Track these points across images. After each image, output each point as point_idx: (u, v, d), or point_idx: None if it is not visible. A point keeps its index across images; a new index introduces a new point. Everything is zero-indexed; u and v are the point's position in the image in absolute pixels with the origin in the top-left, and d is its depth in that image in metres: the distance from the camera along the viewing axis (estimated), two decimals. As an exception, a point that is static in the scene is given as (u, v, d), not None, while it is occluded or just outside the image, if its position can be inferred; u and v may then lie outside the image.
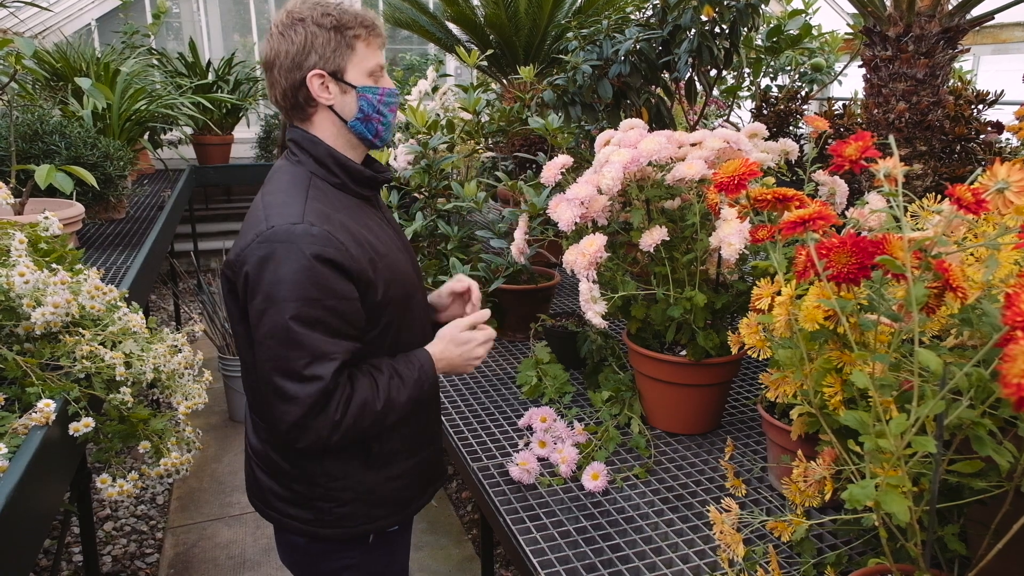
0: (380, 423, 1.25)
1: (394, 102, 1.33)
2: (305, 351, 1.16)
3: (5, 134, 2.67)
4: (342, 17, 1.24)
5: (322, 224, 1.19)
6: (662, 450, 1.64)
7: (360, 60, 1.27)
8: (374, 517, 1.38)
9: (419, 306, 1.41)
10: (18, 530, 1.07)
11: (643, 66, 1.97)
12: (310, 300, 1.16)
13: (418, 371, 1.30)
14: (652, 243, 1.53)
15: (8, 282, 1.30)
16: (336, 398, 1.18)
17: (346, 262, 1.19)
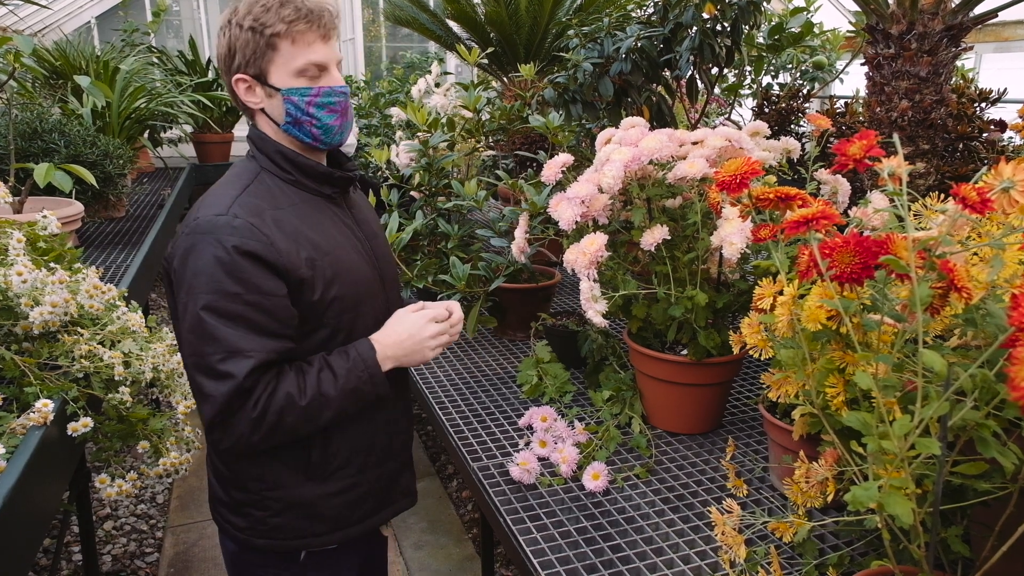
0: (311, 420, 1.18)
1: (333, 102, 1.23)
2: (219, 346, 1.11)
3: (4, 132, 2.66)
4: (261, 16, 1.16)
5: (248, 216, 1.15)
6: (663, 450, 1.63)
7: (285, 60, 1.18)
8: (309, 533, 1.30)
9: (376, 311, 1.32)
10: (16, 529, 1.07)
11: (644, 64, 1.96)
12: (228, 294, 1.12)
13: (352, 360, 1.21)
14: (653, 242, 1.52)
15: (6, 281, 1.29)
16: (255, 396, 1.12)
17: (269, 256, 1.14)
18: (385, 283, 1.35)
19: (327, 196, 1.29)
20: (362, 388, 1.21)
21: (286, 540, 1.30)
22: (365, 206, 1.44)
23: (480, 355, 2.20)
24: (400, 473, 1.42)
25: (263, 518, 1.28)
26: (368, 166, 3.29)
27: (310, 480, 1.27)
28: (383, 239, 1.41)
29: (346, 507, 1.32)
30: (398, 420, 1.39)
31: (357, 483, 1.32)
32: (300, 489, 1.27)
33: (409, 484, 1.45)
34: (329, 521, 1.31)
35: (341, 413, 1.21)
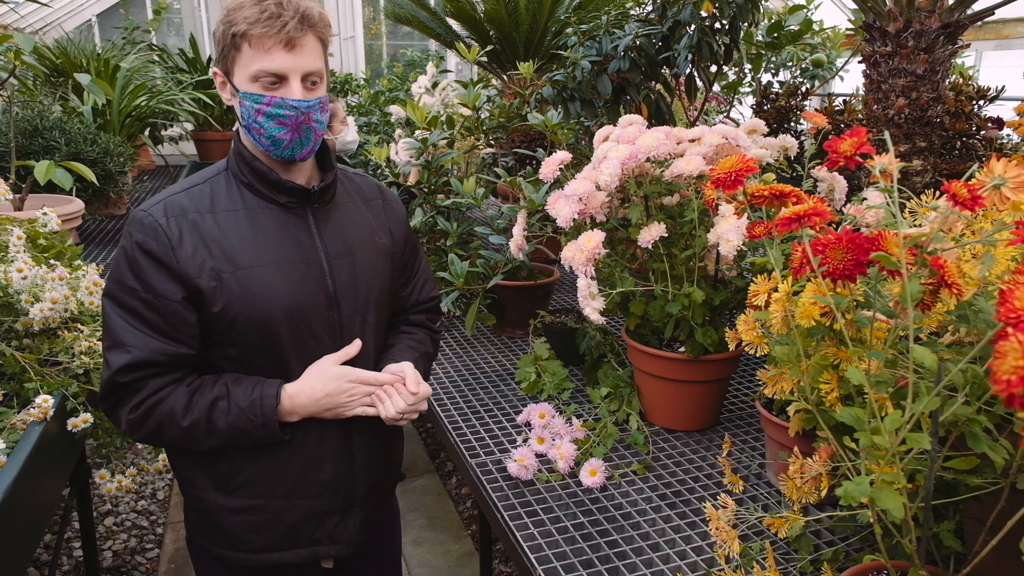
0: (194, 441, 1.15)
1: (283, 115, 1.15)
2: (109, 334, 1.15)
3: (5, 130, 2.67)
4: (232, 13, 1.13)
5: (162, 216, 1.15)
6: (660, 446, 1.64)
7: (245, 62, 1.13)
8: (214, 542, 1.27)
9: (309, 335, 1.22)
10: (16, 524, 1.08)
11: (643, 62, 1.97)
12: (126, 287, 1.14)
13: (251, 401, 1.15)
14: (650, 239, 1.52)
15: (6, 278, 1.30)
16: (138, 398, 1.13)
17: (166, 259, 1.13)
18: (340, 305, 1.25)
19: (282, 205, 1.23)
20: (251, 432, 1.16)
21: (198, 537, 1.28)
22: (350, 218, 1.32)
23: (479, 352, 2.20)
24: (327, 516, 1.28)
25: (187, 507, 1.29)
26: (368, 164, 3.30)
27: (215, 488, 1.23)
28: (363, 258, 1.29)
29: (247, 529, 1.25)
30: (330, 459, 1.27)
31: (258, 507, 1.24)
32: (206, 494, 1.24)
33: (343, 533, 1.30)
34: (230, 537, 1.25)
35: (229, 444, 1.17)
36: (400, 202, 1.47)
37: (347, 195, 1.35)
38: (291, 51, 1.13)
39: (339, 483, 1.28)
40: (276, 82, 1.14)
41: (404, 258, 1.41)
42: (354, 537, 1.32)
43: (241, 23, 1.10)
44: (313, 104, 1.18)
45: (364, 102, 3.79)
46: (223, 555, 1.25)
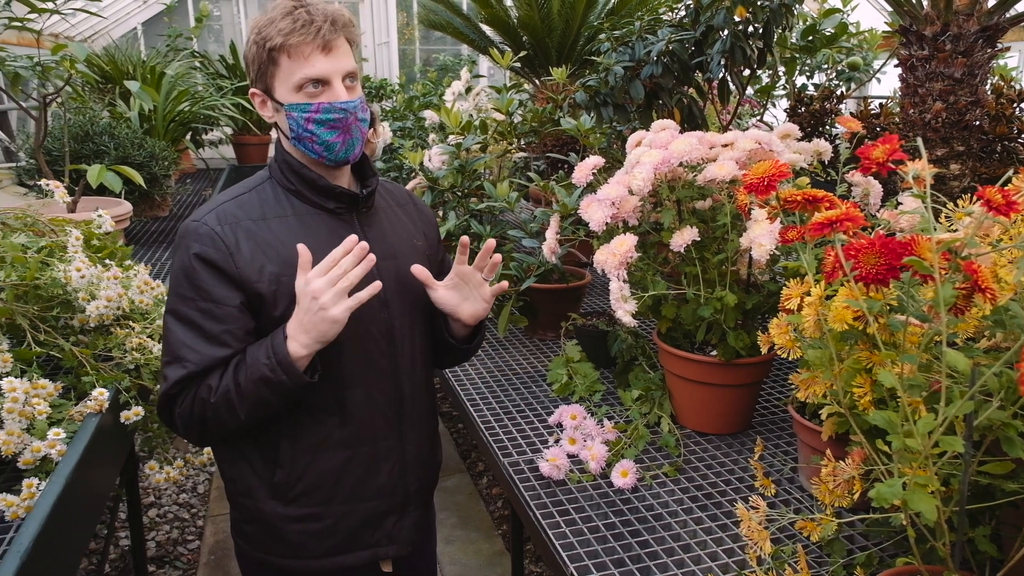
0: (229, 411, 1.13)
1: (333, 118, 1.18)
2: (168, 349, 1.16)
3: (59, 135, 2.78)
4: (264, 29, 1.15)
5: (217, 225, 1.17)
6: (692, 449, 1.65)
7: (286, 75, 1.16)
8: (272, 552, 1.28)
9: (365, 334, 1.25)
10: (76, 510, 1.14)
11: (675, 67, 1.98)
12: (185, 298, 1.15)
13: (262, 348, 1.13)
14: (683, 243, 1.54)
15: (66, 276, 1.37)
16: (181, 399, 1.15)
17: (225, 265, 1.14)
18: (390, 306, 1.29)
19: (331, 211, 1.26)
20: (272, 379, 1.12)
21: (254, 550, 1.30)
22: (391, 223, 1.35)
23: (511, 354, 2.23)
24: (384, 517, 1.32)
25: (239, 519, 1.30)
26: (401, 168, 3.36)
27: (273, 498, 1.25)
28: (405, 260, 1.32)
29: (309, 537, 1.26)
30: (385, 460, 1.30)
31: (321, 515, 1.26)
32: (264, 504, 1.25)
33: (401, 532, 1.34)
34: (291, 546, 1.27)
35: (261, 404, 1.14)
36: (428, 206, 1.52)
37: (384, 200, 1.39)
38: (328, 54, 1.16)
39: (394, 484, 1.32)
40: (319, 87, 1.17)
41: (438, 258, 1.45)
42: (411, 536, 1.35)
43: (276, 36, 1.13)
44: (357, 104, 1.21)
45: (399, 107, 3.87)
46: (283, 564, 1.28)
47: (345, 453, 1.26)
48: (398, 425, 1.33)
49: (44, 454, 1.18)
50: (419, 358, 1.37)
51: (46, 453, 1.18)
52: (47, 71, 2.25)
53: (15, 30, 2.23)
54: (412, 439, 1.35)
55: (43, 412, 1.22)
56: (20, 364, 1.27)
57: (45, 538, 0.99)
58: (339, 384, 1.24)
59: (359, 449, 1.27)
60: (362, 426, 1.27)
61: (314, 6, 1.16)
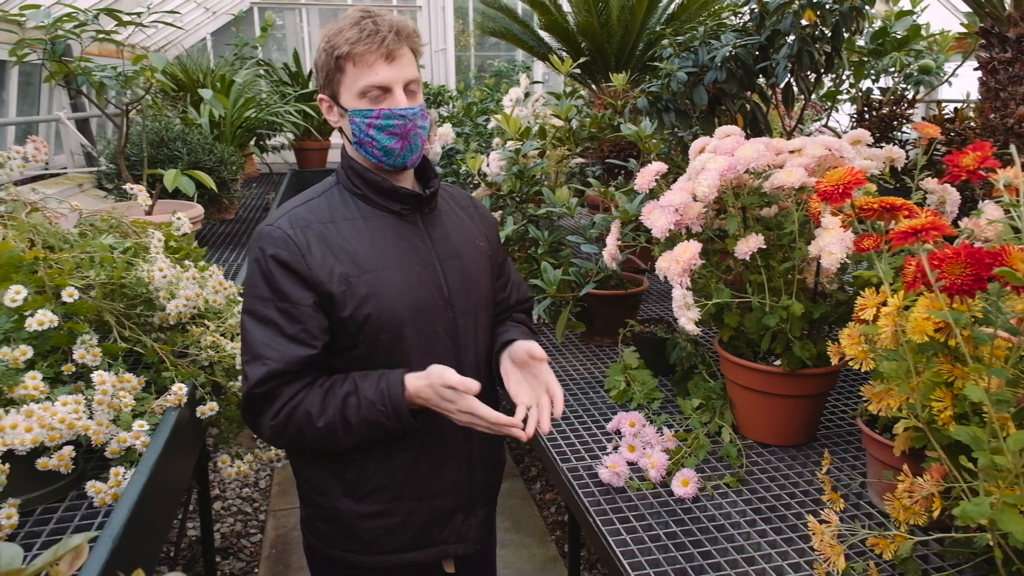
0: (333, 440, 1.19)
1: (392, 124, 1.21)
2: (247, 348, 1.20)
3: (137, 141, 2.92)
4: (333, 38, 1.20)
5: (289, 228, 1.21)
6: (754, 460, 1.62)
7: (351, 81, 1.20)
8: (347, 548, 1.31)
9: (430, 335, 1.28)
10: (158, 500, 1.19)
11: (739, 72, 1.96)
12: (261, 298, 1.19)
13: (379, 392, 1.17)
14: (748, 251, 1.52)
15: (149, 276, 1.44)
16: (276, 406, 1.17)
17: (299, 267, 1.18)
18: (455, 305, 1.31)
19: (396, 213, 1.29)
20: (384, 423, 1.17)
21: (328, 547, 1.32)
22: (453, 224, 1.38)
23: (568, 359, 2.23)
24: (453, 515, 1.35)
25: (312, 518, 1.33)
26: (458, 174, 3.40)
27: (346, 496, 1.28)
28: (470, 261, 1.35)
29: (382, 533, 1.30)
30: (452, 458, 1.33)
31: (391, 511, 1.29)
32: (338, 502, 1.28)
33: (469, 530, 1.37)
34: (364, 542, 1.30)
35: (366, 439, 1.21)
36: (488, 210, 1.55)
37: (446, 203, 1.42)
38: (391, 63, 1.20)
39: (462, 481, 1.35)
40: (381, 94, 1.21)
41: (499, 261, 1.48)
42: (479, 534, 1.38)
43: (343, 45, 1.19)
44: (416, 111, 1.24)
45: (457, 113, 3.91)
46: (356, 561, 1.31)
47: (413, 451, 1.29)
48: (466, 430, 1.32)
49: (129, 444, 1.25)
50: (482, 356, 1.39)
51: (131, 444, 1.25)
52: (129, 80, 2.36)
53: (97, 42, 2.36)
54: (478, 437, 1.37)
55: (128, 405, 1.29)
56: (107, 358, 1.34)
57: (133, 525, 1.05)
58: None
59: (426, 448, 1.30)
60: (430, 424, 1.29)
61: (381, 17, 1.20)
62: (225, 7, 6.43)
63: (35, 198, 1.67)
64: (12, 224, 1.42)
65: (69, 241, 1.49)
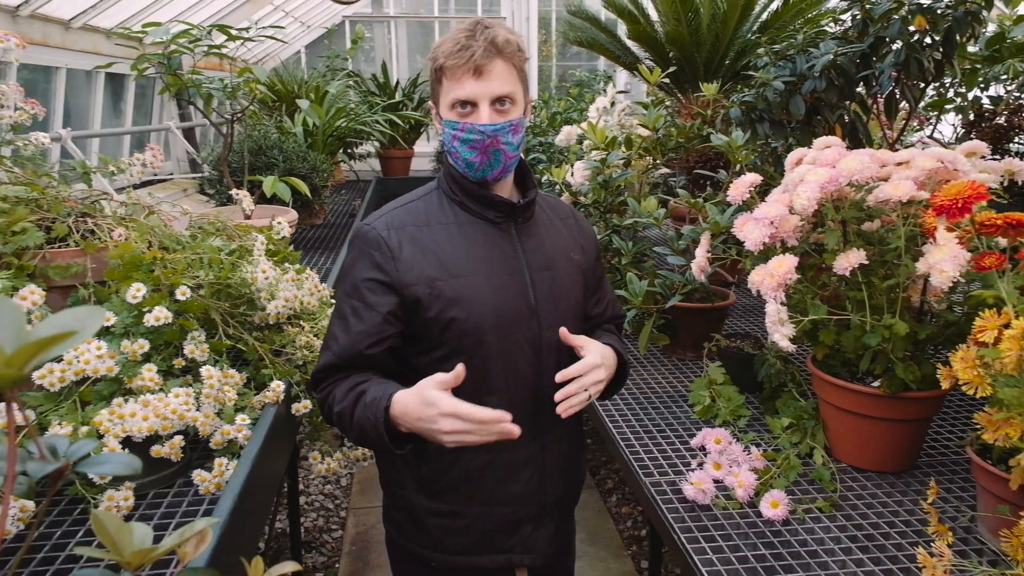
0: (343, 428, 1.24)
1: (472, 139, 1.23)
2: (328, 332, 1.29)
3: (238, 149, 3.08)
4: (435, 50, 1.24)
5: (384, 230, 1.27)
6: (848, 485, 1.55)
7: (444, 93, 1.25)
8: (416, 542, 1.33)
9: (512, 343, 1.28)
10: (258, 490, 1.25)
11: (840, 81, 1.89)
12: (347, 293, 1.28)
13: (372, 401, 1.17)
14: (848, 266, 1.46)
15: (252, 277, 1.51)
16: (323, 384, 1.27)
17: (387, 267, 1.24)
18: (540, 316, 1.31)
19: (490, 220, 1.31)
20: (368, 432, 1.17)
21: (402, 539, 1.36)
22: (548, 234, 1.38)
23: (650, 372, 2.20)
24: (521, 524, 1.34)
25: (390, 507, 1.38)
26: (540, 183, 3.42)
27: (419, 491, 1.31)
28: (562, 273, 1.35)
29: (448, 532, 1.31)
30: (524, 468, 1.32)
31: (459, 512, 1.30)
32: (412, 496, 1.32)
33: (536, 543, 1.36)
34: (431, 539, 1.32)
35: (362, 441, 1.24)
36: (588, 223, 1.53)
37: (544, 213, 1.42)
38: (479, 78, 1.21)
39: (532, 492, 1.35)
40: (468, 108, 1.23)
41: (595, 275, 1.47)
42: (546, 547, 1.37)
43: (440, 58, 1.23)
44: (501, 127, 1.24)
45: (541, 123, 3.94)
46: (424, 555, 1.34)
47: (486, 456, 1.30)
48: (539, 435, 1.35)
49: (232, 437, 1.31)
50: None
51: (234, 436, 1.31)
52: (234, 91, 2.50)
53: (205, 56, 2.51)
54: (553, 450, 1.37)
55: (232, 399, 1.35)
56: (213, 354, 1.42)
57: (236, 514, 1.10)
58: (484, 390, 1.28)
59: (499, 454, 1.30)
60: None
61: (482, 31, 1.22)
62: (319, 21, 6.71)
63: (150, 202, 1.78)
64: (133, 226, 1.53)
65: (181, 243, 1.58)
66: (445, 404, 1.10)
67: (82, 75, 3.46)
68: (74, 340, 0.43)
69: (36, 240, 1.36)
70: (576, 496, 1.51)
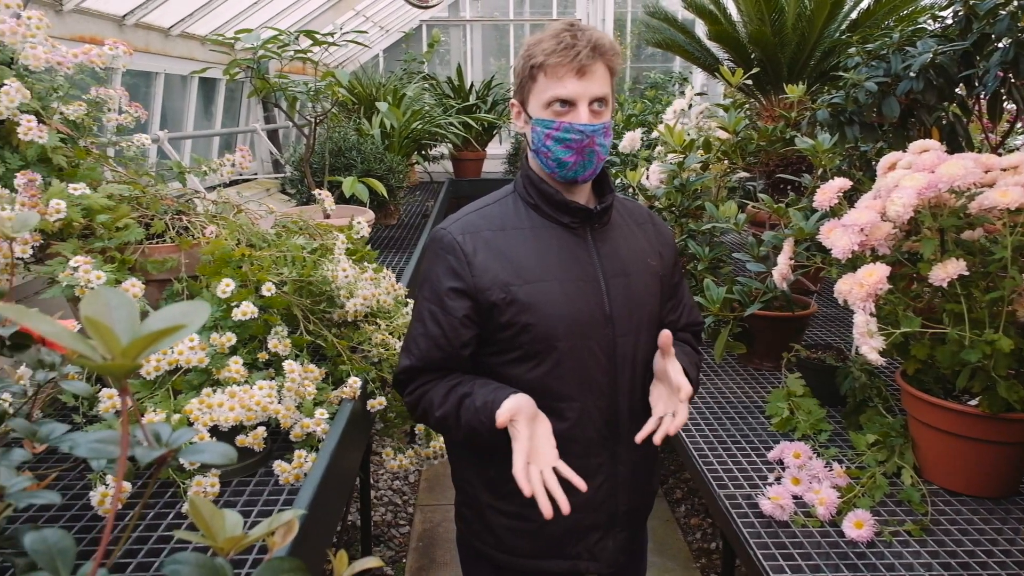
0: (446, 431, 1.29)
1: (569, 139, 1.21)
2: (406, 337, 1.31)
3: (319, 150, 3.18)
4: (532, 47, 1.22)
5: (459, 234, 1.27)
6: (941, 509, 1.46)
7: (540, 91, 1.22)
8: (480, 540, 1.34)
9: (585, 350, 1.27)
10: (335, 483, 1.28)
11: (939, 81, 1.79)
12: (425, 297, 1.28)
13: (484, 404, 1.20)
14: (946, 277, 1.38)
15: (333, 275, 1.55)
16: (410, 387, 1.29)
17: (462, 273, 1.24)
18: (615, 323, 1.29)
19: (565, 225, 1.30)
20: (482, 433, 1.20)
21: (471, 537, 1.37)
22: (625, 240, 1.36)
23: (724, 382, 2.14)
24: (589, 532, 1.33)
25: (460, 503, 1.39)
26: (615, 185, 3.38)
27: (487, 490, 1.32)
28: (638, 279, 1.33)
29: (513, 533, 1.32)
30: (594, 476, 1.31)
31: (527, 515, 1.29)
32: (480, 494, 1.33)
33: (603, 551, 1.34)
34: (498, 539, 1.32)
35: (471, 440, 1.26)
36: (668, 227, 1.50)
37: (621, 218, 1.40)
38: (581, 78, 1.20)
39: (602, 500, 1.33)
40: (565, 108, 1.22)
41: (672, 281, 1.43)
42: (613, 556, 1.36)
43: (539, 55, 1.21)
44: (598, 128, 1.23)
45: (616, 125, 3.91)
46: (492, 555, 1.35)
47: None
48: (612, 444, 1.33)
49: (311, 430, 1.35)
50: (639, 379, 1.35)
51: (312, 430, 1.35)
52: (318, 94, 2.58)
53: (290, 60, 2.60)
54: (625, 460, 1.35)
55: (311, 394, 1.39)
56: (295, 349, 1.46)
57: (315, 505, 1.13)
58: (556, 396, 1.27)
59: (569, 461, 1.26)
60: (574, 439, 1.28)
61: (583, 31, 1.21)
62: (397, 25, 6.87)
63: (239, 201, 1.86)
64: (223, 224, 1.60)
65: (267, 240, 1.64)
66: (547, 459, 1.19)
67: (178, 79, 3.65)
68: (183, 334, 0.45)
69: (137, 236, 1.44)
70: (649, 507, 1.48)
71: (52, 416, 1.52)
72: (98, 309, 0.47)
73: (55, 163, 1.51)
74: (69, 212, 1.37)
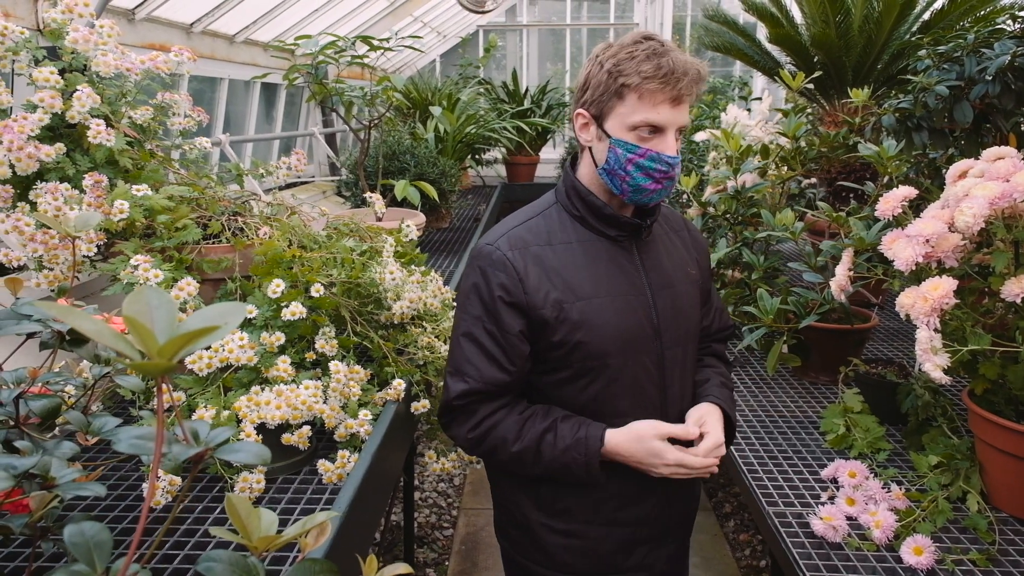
0: (522, 466, 1.22)
1: (654, 168, 1.17)
2: (452, 360, 1.24)
3: (374, 154, 3.23)
4: (622, 63, 1.15)
5: (508, 250, 1.21)
6: (1010, 539, 1.38)
7: (627, 112, 1.16)
8: (531, 559, 1.31)
9: (636, 365, 1.25)
10: (377, 485, 1.29)
11: (1018, 85, 1.69)
12: (474, 316, 1.22)
13: (576, 441, 1.19)
14: (1020, 293, 1.30)
15: (380, 278, 1.57)
16: (475, 419, 1.22)
17: (514, 290, 1.19)
18: (663, 336, 1.28)
19: (611, 238, 1.27)
20: (574, 470, 1.20)
21: (518, 554, 1.34)
22: (667, 250, 1.34)
23: (777, 395, 2.08)
24: (640, 545, 1.32)
25: (505, 523, 1.35)
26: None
27: (537, 509, 1.29)
28: (682, 291, 1.31)
29: (565, 551, 1.30)
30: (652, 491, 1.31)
31: (580, 533, 1.28)
32: (529, 513, 1.30)
33: (656, 562, 1.34)
34: (547, 556, 1.30)
35: (551, 476, 1.23)
36: (700, 232, 1.48)
37: (661, 227, 1.38)
38: (675, 107, 1.16)
39: (658, 515, 1.32)
40: (652, 134, 1.17)
41: (706, 288, 1.41)
42: (665, 567, 1.35)
43: (633, 75, 1.14)
44: (679, 160, 1.21)
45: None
46: (541, 573, 1.33)
47: (612, 481, 1.27)
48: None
49: (355, 431, 1.36)
50: (688, 389, 1.34)
51: (356, 430, 1.36)
52: (374, 99, 2.62)
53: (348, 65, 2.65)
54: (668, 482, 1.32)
55: (356, 394, 1.41)
56: (341, 350, 1.48)
57: (355, 506, 1.14)
58: (610, 412, 1.26)
59: (626, 477, 1.27)
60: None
61: (676, 55, 1.15)
62: (454, 31, 6.93)
63: (292, 203, 1.90)
64: (276, 225, 1.63)
65: (318, 242, 1.67)
66: (671, 456, 1.20)
67: (241, 84, 3.77)
68: (217, 335, 0.45)
69: (195, 236, 1.49)
70: (695, 513, 1.46)
71: (111, 409, 1.58)
72: (139, 308, 0.48)
73: (121, 165, 1.57)
74: (132, 212, 1.42)
